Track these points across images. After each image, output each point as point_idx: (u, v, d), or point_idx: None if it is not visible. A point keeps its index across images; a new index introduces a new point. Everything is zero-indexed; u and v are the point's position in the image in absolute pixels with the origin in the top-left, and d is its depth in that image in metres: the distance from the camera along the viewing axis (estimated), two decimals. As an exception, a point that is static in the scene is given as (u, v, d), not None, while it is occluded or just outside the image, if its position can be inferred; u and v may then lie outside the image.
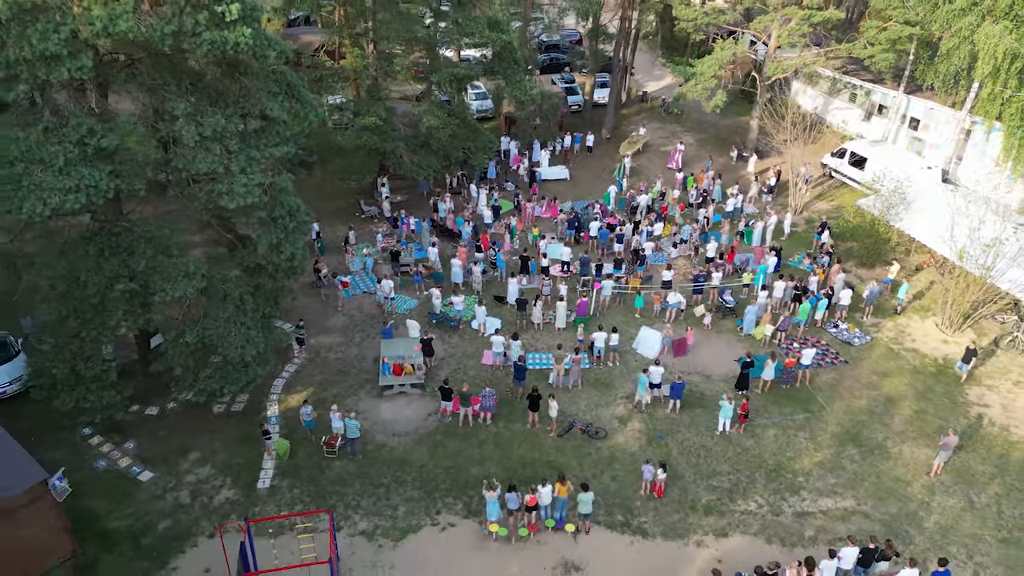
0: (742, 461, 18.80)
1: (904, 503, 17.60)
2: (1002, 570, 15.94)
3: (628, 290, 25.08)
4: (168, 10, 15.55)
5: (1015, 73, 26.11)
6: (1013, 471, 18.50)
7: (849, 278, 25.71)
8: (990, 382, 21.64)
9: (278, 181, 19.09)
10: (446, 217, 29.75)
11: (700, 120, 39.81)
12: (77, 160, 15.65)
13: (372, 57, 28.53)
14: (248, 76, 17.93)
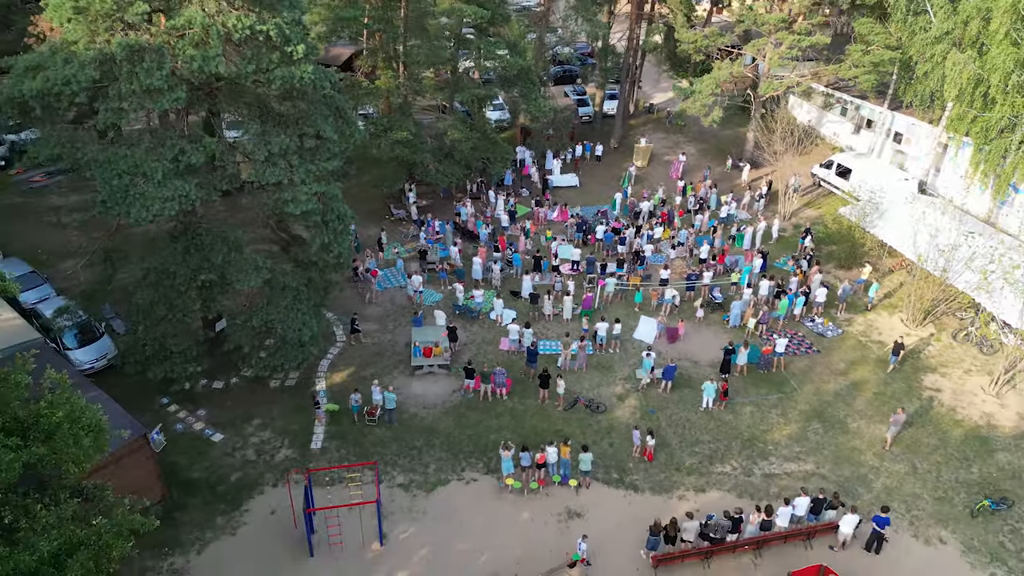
0: (721, 432, 22.02)
1: (857, 468, 20.75)
2: (934, 521, 19.07)
3: (629, 287, 28.34)
4: (249, 51, 19.09)
5: (979, 95, 29.09)
6: (954, 444, 21.57)
7: (827, 278, 28.83)
8: (944, 370, 24.69)
9: (329, 190, 22.54)
10: (467, 220, 33.15)
11: (701, 131, 42.91)
12: (172, 174, 19.19)
13: (403, 77, 32.00)
14: (305, 102, 21.45)
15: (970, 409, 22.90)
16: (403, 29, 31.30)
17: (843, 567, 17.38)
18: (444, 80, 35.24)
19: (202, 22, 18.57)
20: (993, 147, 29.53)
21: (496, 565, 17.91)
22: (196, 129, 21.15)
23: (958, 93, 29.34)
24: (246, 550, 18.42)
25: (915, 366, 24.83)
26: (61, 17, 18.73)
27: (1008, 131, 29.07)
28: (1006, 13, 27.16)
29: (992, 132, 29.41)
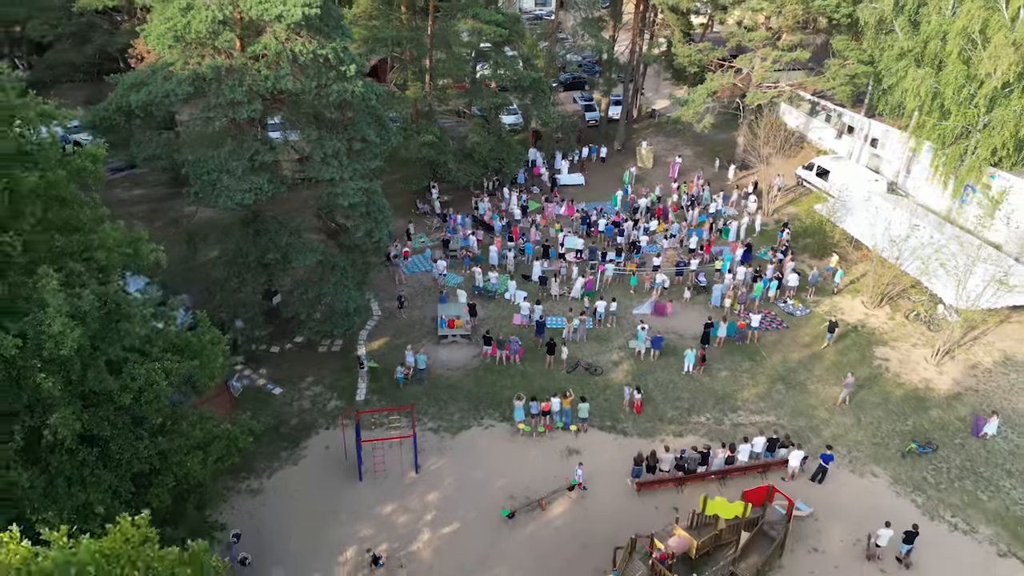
0: (699, 391, 26.19)
1: (810, 419, 24.86)
2: (870, 460, 23.14)
3: (626, 272, 32.52)
4: (311, 71, 23.49)
5: (936, 106, 33.05)
6: (894, 403, 25.61)
7: (800, 266, 32.89)
8: (895, 344, 28.71)
9: (372, 186, 26.89)
10: (485, 214, 37.43)
11: (697, 136, 46.86)
12: (249, 171, 23.61)
13: (429, 87, 36.36)
14: (353, 111, 25.81)
15: (912, 375, 26.93)
16: (430, 46, 35.65)
17: (791, 492, 21.47)
18: (463, 88, 39.55)
19: (275, 48, 22.99)
20: (950, 152, 33.50)
21: (510, 489, 22.18)
22: (266, 134, 25.52)
23: (918, 104, 33.31)
24: (307, 476, 22.81)
25: (869, 340, 28.87)
26: (162, 44, 23.10)
27: (963, 138, 33.04)
28: (958, 35, 31.14)
29: (948, 139, 33.38)
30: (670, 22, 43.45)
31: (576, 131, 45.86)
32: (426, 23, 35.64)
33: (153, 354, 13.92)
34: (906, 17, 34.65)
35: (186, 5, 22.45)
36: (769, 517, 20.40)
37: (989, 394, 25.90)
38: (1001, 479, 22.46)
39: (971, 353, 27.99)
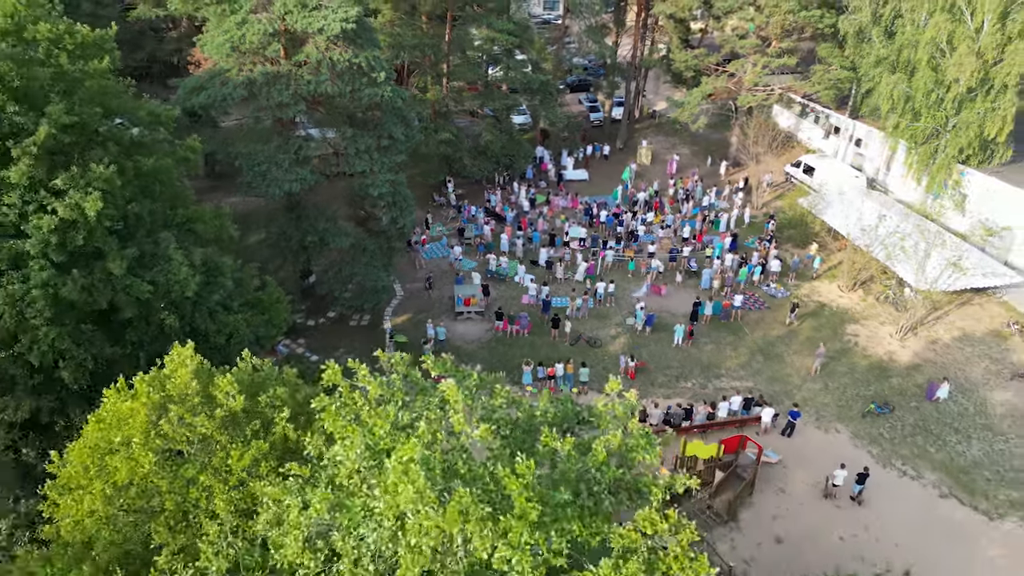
0: (687, 361, 29.54)
1: (784, 385, 28.18)
2: (834, 419, 26.45)
3: (624, 258, 35.88)
4: (347, 77, 26.95)
5: (908, 109, 36.22)
6: (860, 372, 28.89)
7: (782, 254, 36.17)
8: (865, 321, 31.98)
9: (397, 178, 30.35)
10: (496, 205, 40.86)
11: (694, 135, 50.12)
12: (294, 163, 27.13)
13: (447, 90, 39.82)
14: (382, 112, 29.27)
15: (878, 349, 30.20)
16: (447, 51, 39.11)
17: (764, 444, 24.78)
18: (477, 90, 43.00)
19: (316, 57, 26.49)
20: (922, 151, 36.67)
21: (519, 440, 25.55)
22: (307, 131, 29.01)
23: (891, 107, 36.52)
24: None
25: (842, 318, 32.15)
26: (220, 53, 26.61)
27: (933, 138, 36.21)
28: (927, 44, 34.32)
29: (920, 138, 36.55)
30: (668, 29, 46.74)
31: (581, 130, 49.24)
32: (444, 31, 39.10)
33: (234, 308, 17.37)
34: (882, 28, 37.83)
35: (241, 20, 25.99)
36: (741, 462, 23.74)
37: (945, 365, 29.14)
38: (948, 435, 25.73)
39: (932, 330, 31.22)
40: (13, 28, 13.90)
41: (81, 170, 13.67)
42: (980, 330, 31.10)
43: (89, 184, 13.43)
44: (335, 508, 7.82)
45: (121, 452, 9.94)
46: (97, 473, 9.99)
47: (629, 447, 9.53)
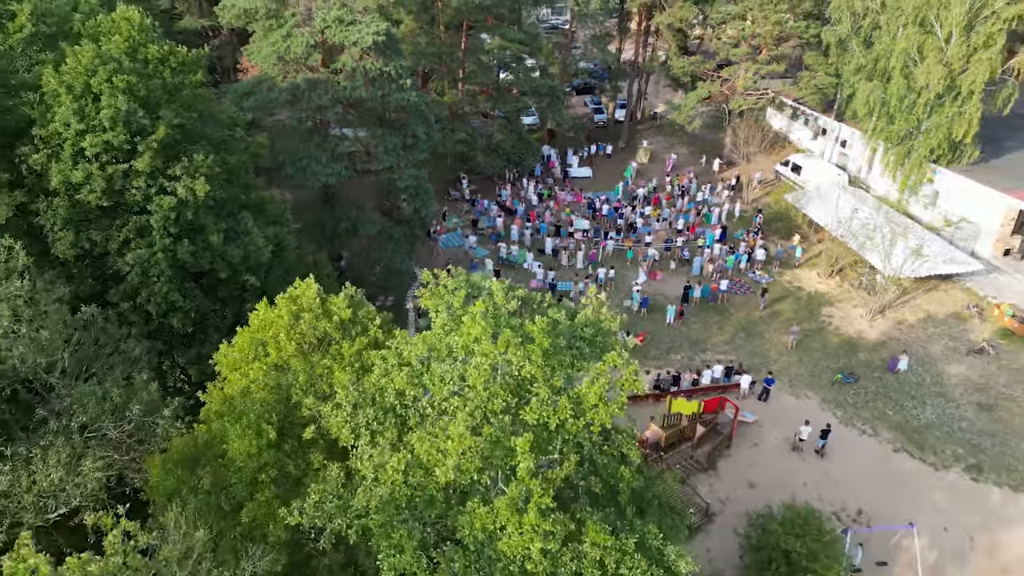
0: (677, 337, 33.08)
1: (763, 359, 31.68)
2: (805, 387, 29.94)
3: (623, 247, 39.44)
4: (378, 83, 30.67)
5: (884, 113, 39.62)
6: (831, 347, 32.37)
7: (767, 244, 39.65)
8: (839, 304, 35.43)
9: (420, 173, 34.02)
10: (507, 199, 44.49)
11: (691, 136, 53.65)
12: (331, 159, 30.84)
13: (462, 93, 43.48)
14: (407, 114, 32.97)
15: (849, 328, 33.68)
16: (463, 59, 42.77)
17: (743, 408, 28.30)
18: (489, 94, 46.61)
19: (351, 65, 30.21)
20: (897, 151, 40.07)
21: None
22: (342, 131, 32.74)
23: (868, 111, 39.94)
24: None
25: (819, 302, 35.61)
26: (268, 63, 30.37)
27: (907, 139, 39.60)
28: (900, 54, 37.73)
29: (895, 140, 39.95)
30: (668, 38, 50.26)
31: (585, 131, 52.84)
32: (460, 40, 42.77)
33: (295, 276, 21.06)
34: (861, 38, 41.23)
35: (287, 33, 29.77)
36: (720, 420, 27.29)
37: (909, 343, 32.57)
38: (905, 401, 29.20)
39: (900, 312, 34.66)
40: (131, 50, 17.53)
41: (189, 161, 17.37)
42: (943, 312, 34.51)
43: (196, 171, 17.11)
44: (431, 349, 11.58)
45: (270, 343, 13.66)
46: (255, 357, 13.72)
47: (600, 318, 13.44)
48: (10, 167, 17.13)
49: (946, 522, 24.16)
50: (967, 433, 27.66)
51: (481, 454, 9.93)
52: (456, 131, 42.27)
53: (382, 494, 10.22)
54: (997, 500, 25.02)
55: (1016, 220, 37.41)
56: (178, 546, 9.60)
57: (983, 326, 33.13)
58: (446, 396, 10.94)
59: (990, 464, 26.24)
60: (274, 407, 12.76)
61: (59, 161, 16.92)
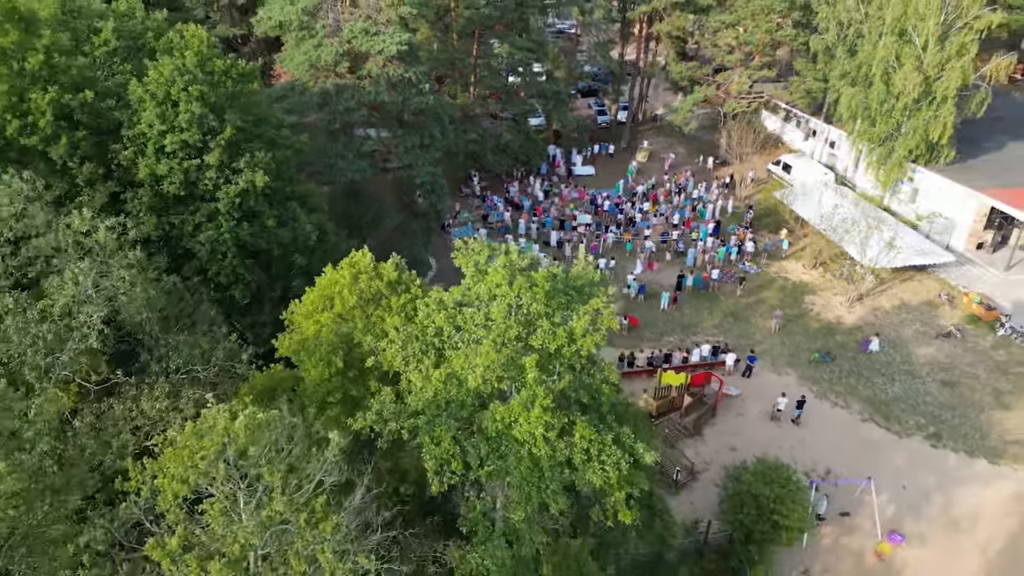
0: (670, 321, 36.16)
1: (749, 340, 34.72)
2: (785, 364, 32.97)
3: (623, 239, 42.53)
4: (399, 87, 33.88)
5: (867, 117, 42.57)
6: (811, 331, 35.38)
7: (757, 237, 42.68)
8: (822, 292, 38.43)
9: (436, 170, 37.20)
10: (514, 196, 47.65)
11: (689, 136, 56.64)
12: (356, 157, 34.06)
13: (474, 96, 46.67)
14: (425, 116, 36.17)
15: (828, 314, 36.69)
16: (474, 64, 45.95)
17: (726, 381, 31.32)
18: (499, 97, 49.81)
19: (375, 72, 33.41)
20: (879, 151, 43.02)
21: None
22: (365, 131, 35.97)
23: (851, 114, 42.92)
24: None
25: (803, 291, 38.63)
26: (300, 69, 33.58)
27: (888, 141, 42.55)
28: (880, 61, 40.67)
29: (877, 141, 42.90)
30: (667, 44, 53.31)
31: (589, 132, 55.91)
32: (472, 46, 45.95)
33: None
34: (846, 46, 44.21)
35: (318, 43, 33.00)
36: (706, 392, 30.37)
37: (882, 327, 35.55)
38: (875, 378, 32.20)
39: (877, 300, 37.65)
40: (201, 63, 20.73)
41: (250, 156, 20.60)
42: (916, 300, 37.48)
43: (255, 166, 20.34)
44: (463, 295, 14.84)
45: (336, 297, 16.85)
46: (323, 308, 16.91)
47: (587, 273, 16.58)
48: (104, 162, 20.36)
49: (906, 481, 27.17)
50: (930, 406, 30.65)
51: (500, 368, 13.09)
52: (468, 132, 45.45)
53: (427, 397, 13.39)
54: (952, 463, 28.03)
55: (988, 216, 40.36)
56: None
57: (952, 312, 36.09)
58: (474, 329, 14.14)
59: (948, 433, 29.25)
60: (339, 345, 15.92)
61: (144, 157, 20.19)
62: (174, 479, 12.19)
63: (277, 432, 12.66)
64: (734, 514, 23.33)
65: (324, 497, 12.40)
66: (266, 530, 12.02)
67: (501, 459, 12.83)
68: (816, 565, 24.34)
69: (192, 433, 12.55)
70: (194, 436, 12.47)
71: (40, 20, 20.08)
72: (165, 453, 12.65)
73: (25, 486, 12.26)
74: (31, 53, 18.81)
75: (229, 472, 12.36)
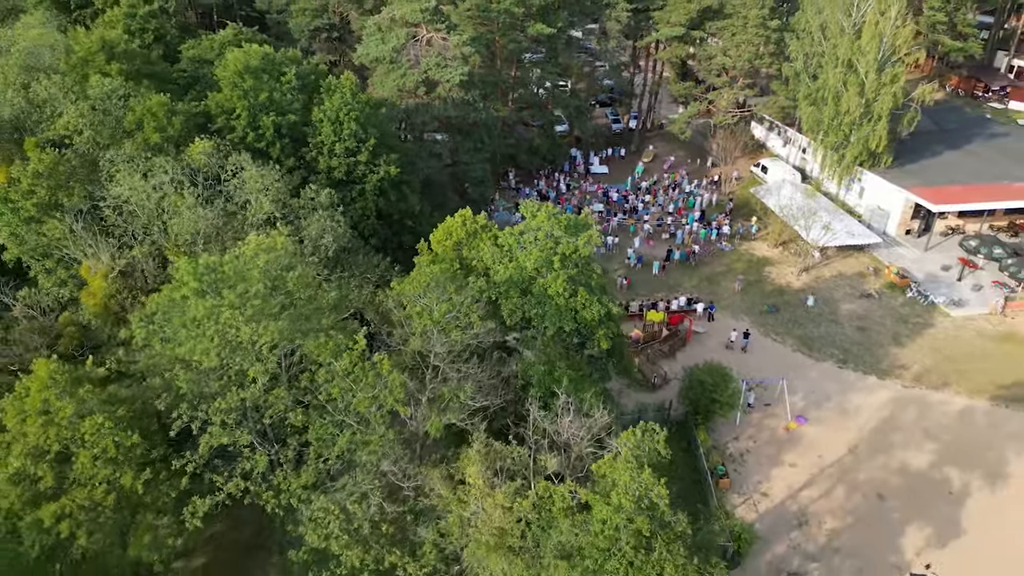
0: (660, 283, 48.10)
1: (717, 297, 46.51)
2: (742, 314, 44.68)
3: (627, 223, 54.51)
4: (461, 106, 46.29)
5: (823, 129, 53.94)
6: (766, 292, 47.03)
7: (732, 222, 54.40)
8: (778, 265, 50.02)
9: (485, 167, 49.49)
10: (542, 189, 59.83)
11: (689, 141, 68.28)
12: (429, 156, 46.43)
13: (512, 109, 58.99)
14: (476, 126, 48.55)
15: (780, 280, 48.30)
16: (513, 84, 58.25)
17: (695, 322, 43.07)
18: (531, 108, 61.99)
19: (444, 94, 45.84)
20: (833, 157, 54.43)
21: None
22: (434, 137, 48.37)
23: (810, 127, 54.41)
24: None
25: (764, 264, 50.25)
26: (390, 91, 46.03)
27: (840, 149, 53.93)
28: (832, 86, 52.08)
29: (831, 148, 54.32)
30: (669, 68, 65.08)
31: (604, 137, 67.94)
32: (512, 70, 58.21)
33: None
34: (809, 73, 55.62)
35: (403, 72, 45.45)
36: (680, 329, 42.28)
37: (819, 289, 47.07)
38: (807, 323, 43.78)
39: (820, 271, 49.15)
40: (352, 96, 33.16)
41: (386, 155, 32.91)
42: (850, 271, 48.94)
43: (388, 162, 32.69)
44: (525, 227, 26.98)
45: (453, 233, 28.96)
46: (446, 237, 29.02)
47: (586, 218, 28.25)
48: (298, 158, 32.77)
49: (815, 388, 38.83)
50: (843, 343, 42.23)
51: (541, 262, 24.85)
52: (506, 137, 57.71)
53: (504, 278, 25.18)
54: (851, 378, 39.61)
55: (915, 208, 51.67)
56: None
57: (876, 280, 47.57)
58: (530, 242, 25.97)
59: (853, 359, 40.82)
60: (456, 255, 27.69)
61: (322, 156, 32.63)
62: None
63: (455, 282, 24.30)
64: (687, 394, 35.24)
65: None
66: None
67: (540, 306, 24.55)
68: (744, 434, 36.16)
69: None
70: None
71: (255, 68, 32.53)
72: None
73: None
74: (261, 92, 31.34)
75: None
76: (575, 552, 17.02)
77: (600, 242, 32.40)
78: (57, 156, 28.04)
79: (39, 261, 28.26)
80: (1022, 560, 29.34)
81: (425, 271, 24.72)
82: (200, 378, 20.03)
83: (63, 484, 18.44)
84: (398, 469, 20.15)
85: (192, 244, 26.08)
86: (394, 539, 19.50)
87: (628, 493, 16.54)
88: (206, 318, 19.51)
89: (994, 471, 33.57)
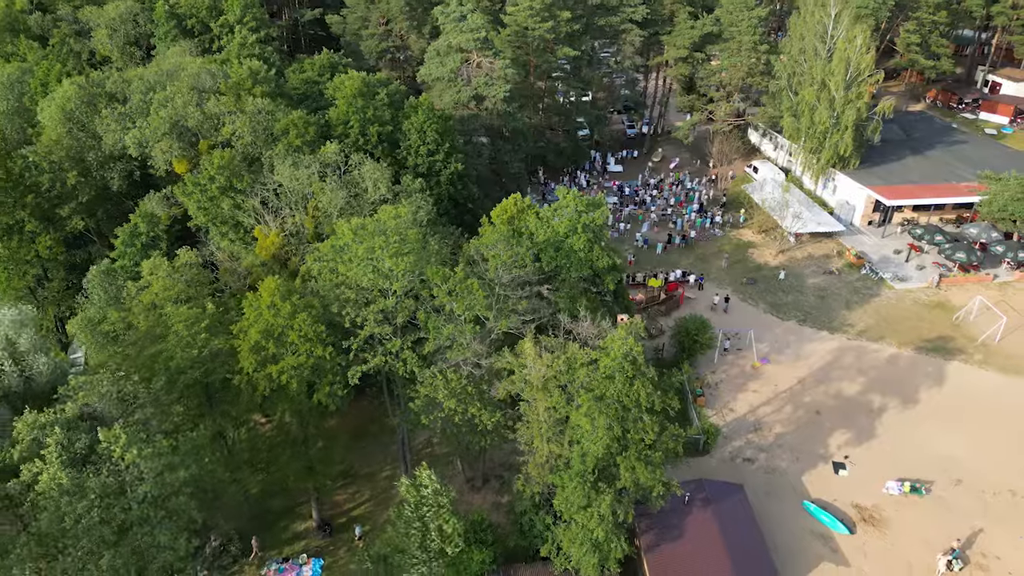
0: (661, 261, 59.47)
1: (707, 271, 57.79)
2: (727, 285, 55.89)
3: (636, 213, 65.92)
4: (502, 116, 58.22)
5: (800, 136, 64.87)
6: (748, 267, 58.16)
7: (724, 212, 65.60)
8: (760, 248, 61.09)
9: (521, 165, 61.24)
10: (567, 184, 71.40)
11: (691, 146, 79.40)
12: (476, 156, 58.32)
13: (542, 118, 70.69)
14: (515, 132, 60.46)
15: (761, 259, 59.42)
16: (543, 96, 69.93)
17: (689, 292, 54.36)
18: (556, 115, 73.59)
19: (490, 107, 57.76)
20: (809, 159, 65.38)
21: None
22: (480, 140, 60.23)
23: (790, 135, 65.45)
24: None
25: (748, 247, 61.38)
26: (447, 104, 57.97)
27: (815, 152, 64.86)
28: (808, 101, 62.99)
29: (808, 152, 65.27)
30: (675, 83, 76.44)
31: (620, 141, 79.41)
32: (543, 85, 69.92)
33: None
34: (792, 88, 66.58)
35: (458, 89, 57.40)
36: (675, 294, 53.68)
37: (791, 266, 58.10)
38: (778, 292, 54.93)
39: (795, 253, 60.20)
40: (431, 112, 44.90)
41: (454, 155, 44.67)
42: (819, 253, 59.93)
43: (457, 160, 44.31)
44: (560, 205, 38.50)
45: (506, 211, 40.44)
46: (502, 213, 40.56)
47: (600, 199, 39.67)
48: (392, 158, 44.75)
49: (779, 339, 50.03)
50: (805, 307, 53.32)
51: (571, 227, 36.20)
52: (537, 140, 69.38)
53: (543, 239, 36.66)
54: (808, 333, 50.74)
55: (873, 204, 62.53)
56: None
57: (838, 261, 58.56)
58: (563, 214, 37.25)
59: (811, 319, 51.93)
60: (510, 226, 39.16)
61: (411, 155, 44.56)
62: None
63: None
64: (677, 337, 46.70)
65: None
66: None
67: (567, 258, 35.98)
68: (720, 369, 47.48)
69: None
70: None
71: (353, 91, 44.53)
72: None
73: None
74: (368, 110, 43.29)
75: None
76: (590, 387, 28.43)
77: (606, 220, 43.59)
78: (231, 153, 40.06)
79: (217, 227, 40.23)
80: (916, 452, 40.39)
81: (491, 233, 36.37)
82: (359, 293, 31.76)
83: (281, 353, 30.20)
84: (480, 350, 32.01)
85: (330, 215, 37.85)
86: (474, 396, 31.17)
87: (619, 351, 27.92)
88: (363, 255, 31.25)
89: (907, 397, 44.57)
